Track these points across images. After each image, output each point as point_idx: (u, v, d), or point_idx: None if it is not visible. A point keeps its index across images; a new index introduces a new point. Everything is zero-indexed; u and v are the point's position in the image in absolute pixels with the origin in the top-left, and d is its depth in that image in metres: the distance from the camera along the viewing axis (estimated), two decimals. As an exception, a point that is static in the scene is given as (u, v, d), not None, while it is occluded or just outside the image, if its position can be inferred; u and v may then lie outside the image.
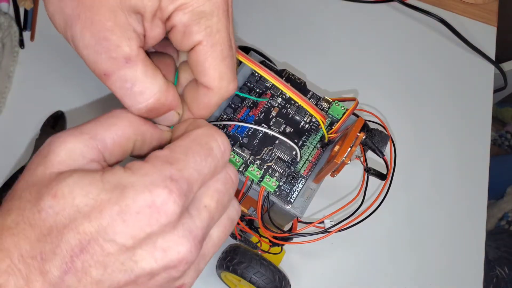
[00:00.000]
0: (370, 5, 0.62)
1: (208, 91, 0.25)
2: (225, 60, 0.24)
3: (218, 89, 0.25)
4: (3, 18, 0.47)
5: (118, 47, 0.22)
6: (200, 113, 0.26)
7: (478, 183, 0.54)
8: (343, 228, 0.34)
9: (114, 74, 0.23)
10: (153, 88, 0.23)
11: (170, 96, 0.24)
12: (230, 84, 0.25)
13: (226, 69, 0.24)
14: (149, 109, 0.24)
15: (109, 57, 0.22)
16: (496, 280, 0.78)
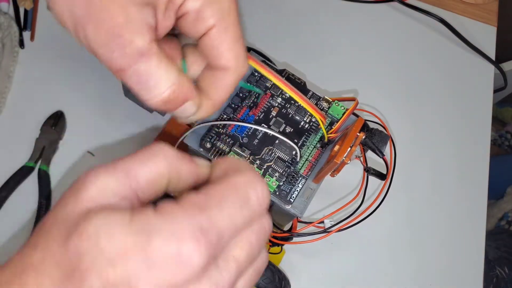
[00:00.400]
0: (370, 5, 0.62)
1: (225, 72, 0.25)
2: (239, 41, 0.25)
3: (235, 69, 0.25)
4: (3, 18, 0.47)
5: (131, 43, 0.22)
6: (220, 96, 0.27)
7: (478, 183, 0.54)
8: (343, 228, 0.34)
9: (130, 69, 0.23)
10: (168, 81, 0.24)
11: (185, 87, 0.24)
12: (245, 62, 0.26)
13: (240, 49, 0.25)
14: (165, 101, 0.24)
15: (123, 53, 0.22)
16: (496, 280, 0.78)
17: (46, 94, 0.47)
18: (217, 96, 0.27)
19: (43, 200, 0.42)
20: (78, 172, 0.45)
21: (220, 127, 0.35)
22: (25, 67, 0.48)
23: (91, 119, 0.47)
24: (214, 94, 0.27)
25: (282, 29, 0.58)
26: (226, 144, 0.34)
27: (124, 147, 0.47)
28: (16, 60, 0.48)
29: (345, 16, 0.61)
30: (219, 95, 0.27)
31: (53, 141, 0.45)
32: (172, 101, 0.24)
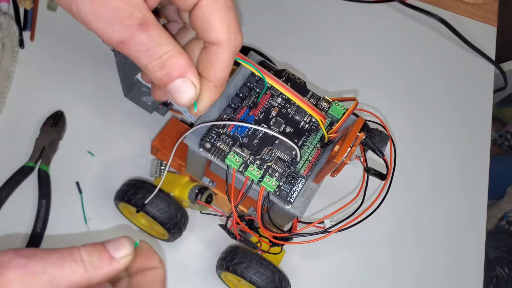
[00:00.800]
0: (370, 5, 0.62)
1: (218, 48, 0.25)
2: (230, 11, 0.24)
3: (228, 42, 0.25)
4: (3, 18, 0.47)
5: (131, 15, 0.23)
6: (217, 75, 0.26)
7: (478, 183, 0.54)
8: (343, 228, 0.34)
9: (131, 40, 0.23)
10: (167, 46, 0.24)
11: (182, 57, 0.24)
12: (237, 34, 0.25)
13: (232, 20, 0.25)
14: (163, 66, 0.24)
15: (124, 26, 0.23)
16: (496, 280, 0.78)
17: (46, 94, 0.47)
18: (214, 76, 0.26)
19: (43, 200, 0.42)
20: (78, 172, 0.45)
21: (220, 127, 0.35)
22: (25, 67, 0.48)
23: (91, 119, 0.47)
24: (211, 74, 0.26)
25: (282, 29, 0.58)
26: (226, 144, 0.34)
27: (124, 147, 0.47)
28: (16, 60, 0.48)
29: (345, 16, 0.61)
30: (217, 74, 0.26)
31: (53, 141, 0.45)
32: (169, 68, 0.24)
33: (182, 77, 0.25)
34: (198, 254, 0.44)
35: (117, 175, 0.45)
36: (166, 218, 0.39)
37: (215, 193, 0.42)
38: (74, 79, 0.49)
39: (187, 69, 0.25)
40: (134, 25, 0.23)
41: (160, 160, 0.44)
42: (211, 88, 0.26)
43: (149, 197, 0.39)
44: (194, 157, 0.37)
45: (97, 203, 0.44)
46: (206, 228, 0.45)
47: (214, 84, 0.26)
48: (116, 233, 0.43)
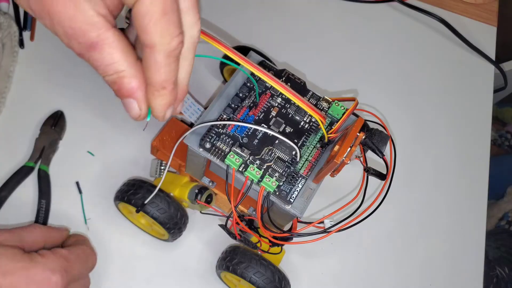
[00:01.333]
0: (370, 5, 0.62)
1: (151, 51, 0.24)
2: (166, 15, 0.23)
3: (160, 46, 0.24)
4: (3, 18, 0.47)
5: (84, 35, 0.24)
6: (154, 79, 0.25)
7: (478, 183, 0.54)
8: (343, 228, 0.34)
9: (85, 56, 0.25)
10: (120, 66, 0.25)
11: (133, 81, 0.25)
12: (173, 39, 0.24)
13: (167, 24, 0.23)
14: (112, 83, 0.26)
15: (78, 43, 0.24)
16: (496, 280, 0.78)
17: (46, 94, 0.47)
18: (152, 80, 0.26)
19: (43, 200, 0.42)
20: (78, 172, 0.45)
21: (220, 127, 0.35)
22: (25, 67, 0.48)
23: (91, 119, 0.47)
24: (148, 78, 0.26)
25: (282, 29, 0.58)
26: (225, 144, 0.34)
27: (124, 147, 0.47)
28: (16, 60, 0.48)
29: (345, 16, 0.61)
30: (153, 78, 0.25)
31: (53, 141, 0.45)
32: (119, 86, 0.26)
33: (130, 98, 0.26)
34: (198, 254, 0.44)
35: (117, 175, 0.45)
36: (166, 218, 0.39)
37: (215, 193, 0.42)
38: (74, 79, 0.49)
39: (134, 93, 0.26)
40: (86, 44, 0.24)
41: (160, 160, 0.44)
42: (154, 93, 0.26)
43: (149, 197, 0.39)
44: (194, 157, 0.37)
45: (97, 203, 0.44)
46: (206, 228, 0.45)
47: (155, 89, 0.26)
48: (116, 233, 0.43)
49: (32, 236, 0.36)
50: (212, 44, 0.30)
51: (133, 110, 0.27)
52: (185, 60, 0.27)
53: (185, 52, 0.26)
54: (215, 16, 0.56)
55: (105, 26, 0.24)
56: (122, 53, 0.25)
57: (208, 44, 0.30)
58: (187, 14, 0.25)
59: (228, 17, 0.56)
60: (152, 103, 0.27)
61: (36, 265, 0.32)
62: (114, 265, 0.42)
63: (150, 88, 0.26)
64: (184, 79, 0.27)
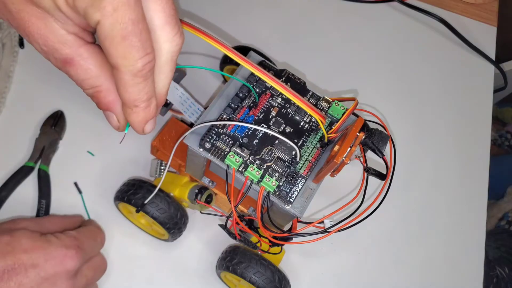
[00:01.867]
0: (370, 5, 0.62)
1: (117, 71, 0.24)
2: (126, 39, 0.23)
3: (124, 68, 0.24)
4: (3, 18, 0.47)
5: (56, 51, 0.25)
6: (123, 97, 0.25)
7: (478, 183, 0.54)
8: (343, 228, 0.34)
9: (63, 70, 0.26)
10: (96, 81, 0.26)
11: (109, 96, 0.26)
12: (137, 61, 0.24)
13: (128, 48, 0.23)
14: (92, 96, 0.27)
15: (54, 58, 0.25)
16: (496, 280, 0.78)
17: (46, 94, 0.47)
18: (122, 97, 0.26)
19: (43, 200, 0.42)
20: (78, 172, 0.45)
21: (220, 127, 0.35)
22: (25, 67, 0.48)
23: (91, 119, 0.47)
24: (120, 94, 0.26)
25: (282, 29, 0.58)
26: (225, 144, 0.34)
27: (124, 147, 0.47)
28: (16, 60, 0.48)
29: (345, 16, 0.61)
30: (122, 96, 0.25)
31: (53, 141, 0.45)
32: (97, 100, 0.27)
33: (109, 111, 0.28)
34: (198, 254, 0.44)
35: (117, 175, 0.45)
36: (166, 218, 0.39)
37: (215, 193, 0.42)
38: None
39: (112, 106, 0.27)
40: (61, 60, 0.25)
41: (160, 160, 0.44)
42: (127, 111, 0.27)
43: (149, 197, 0.39)
44: (194, 157, 0.37)
45: (97, 203, 0.44)
46: (206, 228, 0.45)
47: (127, 107, 0.26)
48: (116, 233, 0.43)
49: (50, 223, 0.39)
50: (212, 44, 0.30)
51: (112, 122, 0.29)
52: (161, 73, 0.27)
53: (162, 67, 0.26)
54: (215, 16, 0.56)
55: (77, 43, 0.25)
56: (97, 68, 0.25)
57: (208, 44, 0.30)
58: (161, 31, 0.25)
59: (228, 17, 0.56)
60: (128, 120, 0.27)
61: (51, 243, 0.35)
62: (114, 265, 0.42)
63: (123, 105, 0.27)
64: (161, 90, 0.28)
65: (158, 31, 0.25)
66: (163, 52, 0.26)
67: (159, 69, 0.26)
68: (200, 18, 0.55)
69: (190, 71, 0.47)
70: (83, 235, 0.38)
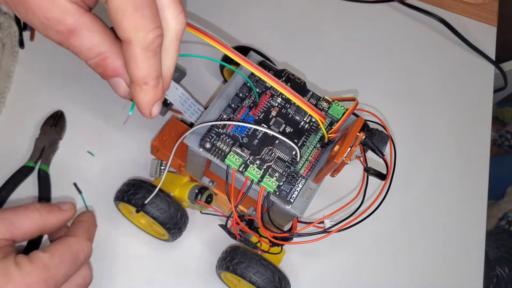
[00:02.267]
0: (370, 5, 0.62)
1: (128, 45, 0.24)
2: (138, 10, 0.23)
3: (136, 41, 0.24)
4: (3, 18, 0.47)
5: (59, 23, 0.24)
6: (133, 73, 0.25)
7: (478, 183, 0.54)
8: (343, 228, 0.34)
9: (65, 43, 0.25)
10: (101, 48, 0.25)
11: (117, 60, 0.26)
12: (148, 33, 0.24)
13: (140, 19, 0.23)
14: (96, 66, 0.26)
15: (55, 32, 0.24)
16: (496, 280, 0.78)
17: (46, 94, 0.47)
18: (131, 75, 0.25)
19: (43, 200, 0.42)
20: (78, 172, 0.45)
21: (220, 127, 0.35)
22: (25, 67, 0.48)
23: (91, 119, 0.47)
24: (129, 72, 0.25)
25: (282, 29, 0.58)
26: (226, 144, 0.34)
27: (124, 147, 0.47)
28: (16, 60, 0.48)
29: (345, 16, 0.61)
30: (132, 73, 0.25)
31: (53, 141, 0.45)
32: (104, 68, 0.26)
33: (116, 77, 0.27)
34: (198, 254, 0.44)
35: (117, 175, 0.45)
36: (166, 218, 0.39)
37: (215, 193, 0.42)
38: (74, 79, 0.49)
39: (120, 71, 0.26)
40: (64, 31, 0.24)
41: (160, 160, 0.44)
42: (136, 89, 0.26)
43: (149, 197, 0.39)
44: (194, 157, 0.37)
45: (97, 203, 0.44)
46: (206, 228, 0.45)
47: (137, 84, 0.26)
48: (116, 233, 0.43)
49: (26, 224, 0.30)
50: (212, 44, 0.30)
51: (121, 89, 0.27)
52: (168, 53, 0.26)
53: (168, 46, 0.26)
54: (215, 16, 0.56)
55: (79, 12, 0.24)
56: (101, 35, 0.25)
57: (208, 44, 0.30)
58: (167, 8, 0.25)
59: (228, 17, 0.56)
60: (136, 99, 0.27)
61: (10, 280, 0.27)
62: (114, 265, 0.42)
63: (132, 84, 0.26)
64: (167, 72, 0.27)
65: (165, 8, 0.25)
66: (169, 30, 0.26)
67: (166, 48, 0.26)
68: (200, 18, 0.55)
69: (190, 72, 0.47)
70: (56, 260, 0.30)
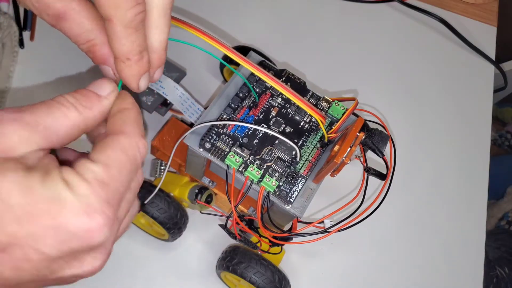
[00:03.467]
0: (370, 5, 0.62)
1: (110, 23, 0.25)
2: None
3: (116, 19, 0.24)
4: (3, 18, 0.47)
5: (48, 7, 0.25)
6: (117, 49, 0.26)
7: (478, 183, 0.54)
8: (343, 228, 0.34)
9: (57, 27, 0.26)
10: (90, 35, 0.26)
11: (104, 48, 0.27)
12: (128, 11, 0.24)
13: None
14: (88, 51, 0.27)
15: (47, 15, 0.25)
16: (496, 280, 0.78)
17: (46, 94, 0.47)
18: (115, 51, 0.26)
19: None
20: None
21: (220, 127, 0.35)
22: (25, 67, 0.48)
23: (91, 119, 0.47)
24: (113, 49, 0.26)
25: (282, 29, 0.58)
26: (226, 144, 0.34)
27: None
28: (16, 60, 0.48)
29: (345, 16, 0.61)
30: (116, 48, 0.26)
31: (53, 141, 0.45)
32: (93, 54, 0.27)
33: (105, 64, 0.28)
34: (198, 254, 0.44)
35: (117, 175, 0.45)
36: (166, 218, 0.39)
37: (215, 193, 0.42)
38: (74, 79, 0.49)
39: (107, 59, 0.27)
40: (54, 15, 0.25)
41: (160, 160, 0.44)
42: (120, 64, 0.26)
43: (149, 197, 0.39)
44: (194, 157, 0.37)
45: (97, 203, 0.44)
46: (206, 228, 0.45)
47: (120, 60, 0.26)
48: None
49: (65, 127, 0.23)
50: (212, 44, 0.30)
51: (109, 74, 0.28)
52: (156, 28, 0.27)
53: (155, 21, 0.26)
54: (215, 16, 0.56)
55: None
56: (91, 21, 0.26)
57: (209, 44, 0.30)
58: None
59: (228, 17, 0.56)
60: (121, 74, 0.27)
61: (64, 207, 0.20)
62: (114, 265, 0.42)
63: (115, 60, 0.26)
64: (159, 46, 0.28)
65: None
66: (154, 5, 0.26)
67: (154, 23, 0.27)
68: (200, 18, 0.55)
69: (190, 72, 0.47)
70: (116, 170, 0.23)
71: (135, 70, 0.27)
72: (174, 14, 0.29)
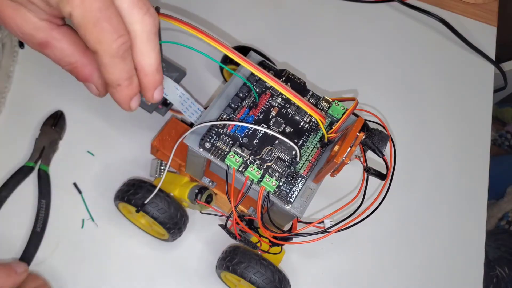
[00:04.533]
0: (370, 5, 0.62)
1: (97, 55, 0.27)
2: (97, 25, 0.25)
3: (101, 52, 0.26)
4: (3, 18, 0.47)
5: (33, 37, 0.28)
6: (106, 77, 0.28)
7: (478, 183, 0.54)
8: (343, 228, 0.34)
9: (41, 52, 0.29)
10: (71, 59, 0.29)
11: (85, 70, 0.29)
12: (112, 44, 0.26)
13: (101, 33, 0.25)
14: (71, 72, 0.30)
15: (31, 42, 0.28)
16: (496, 280, 0.78)
17: (46, 94, 0.47)
18: (105, 78, 0.28)
19: (43, 200, 0.42)
20: (78, 172, 0.45)
21: (220, 127, 0.35)
22: (25, 67, 0.48)
23: (91, 119, 0.47)
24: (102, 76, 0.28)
25: (282, 29, 0.58)
26: (225, 144, 0.34)
27: (124, 147, 0.47)
28: (16, 60, 0.48)
29: (345, 16, 0.61)
30: (105, 77, 0.28)
31: (53, 141, 0.45)
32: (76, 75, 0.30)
33: (88, 82, 0.30)
34: (198, 254, 0.44)
35: (117, 175, 0.45)
36: (166, 218, 0.39)
37: (215, 193, 0.42)
38: (74, 79, 0.48)
39: (89, 78, 0.30)
40: (37, 44, 0.28)
41: (160, 160, 0.44)
42: (111, 90, 0.29)
43: (149, 197, 0.39)
44: (194, 157, 0.37)
45: (97, 203, 0.44)
46: (206, 228, 0.45)
47: (111, 86, 0.29)
48: (116, 233, 0.43)
49: None
50: (212, 44, 0.30)
51: (92, 91, 0.31)
52: (142, 53, 0.28)
53: (141, 47, 0.28)
54: (215, 16, 0.56)
55: (50, 27, 0.28)
56: (72, 46, 0.29)
57: (208, 44, 0.30)
58: (130, 14, 0.27)
59: (228, 17, 0.56)
60: (113, 98, 0.30)
61: None
62: (114, 265, 0.42)
63: (107, 86, 0.29)
64: (149, 69, 0.29)
65: (128, 14, 0.27)
66: (137, 33, 0.27)
67: (139, 49, 0.28)
68: (200, 18, 0.55)
69: (190, 72, 0.47)
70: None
71: (126, 94, 0.29)
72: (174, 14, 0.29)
